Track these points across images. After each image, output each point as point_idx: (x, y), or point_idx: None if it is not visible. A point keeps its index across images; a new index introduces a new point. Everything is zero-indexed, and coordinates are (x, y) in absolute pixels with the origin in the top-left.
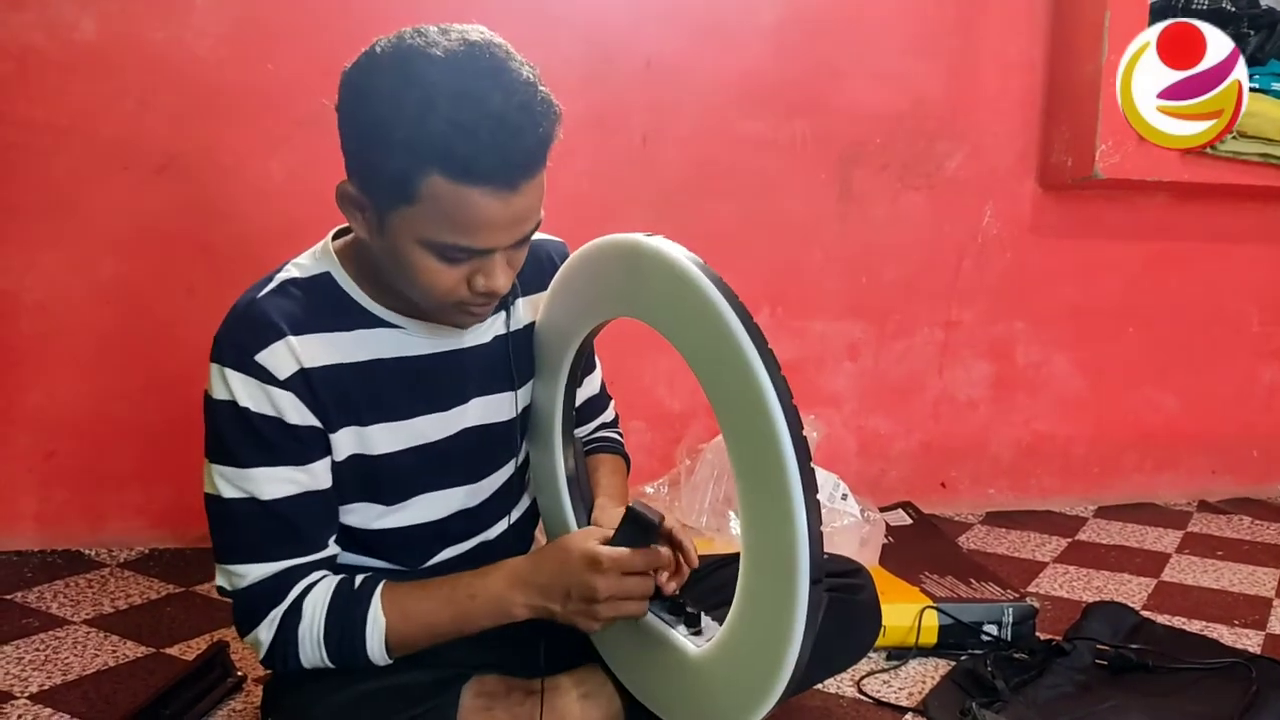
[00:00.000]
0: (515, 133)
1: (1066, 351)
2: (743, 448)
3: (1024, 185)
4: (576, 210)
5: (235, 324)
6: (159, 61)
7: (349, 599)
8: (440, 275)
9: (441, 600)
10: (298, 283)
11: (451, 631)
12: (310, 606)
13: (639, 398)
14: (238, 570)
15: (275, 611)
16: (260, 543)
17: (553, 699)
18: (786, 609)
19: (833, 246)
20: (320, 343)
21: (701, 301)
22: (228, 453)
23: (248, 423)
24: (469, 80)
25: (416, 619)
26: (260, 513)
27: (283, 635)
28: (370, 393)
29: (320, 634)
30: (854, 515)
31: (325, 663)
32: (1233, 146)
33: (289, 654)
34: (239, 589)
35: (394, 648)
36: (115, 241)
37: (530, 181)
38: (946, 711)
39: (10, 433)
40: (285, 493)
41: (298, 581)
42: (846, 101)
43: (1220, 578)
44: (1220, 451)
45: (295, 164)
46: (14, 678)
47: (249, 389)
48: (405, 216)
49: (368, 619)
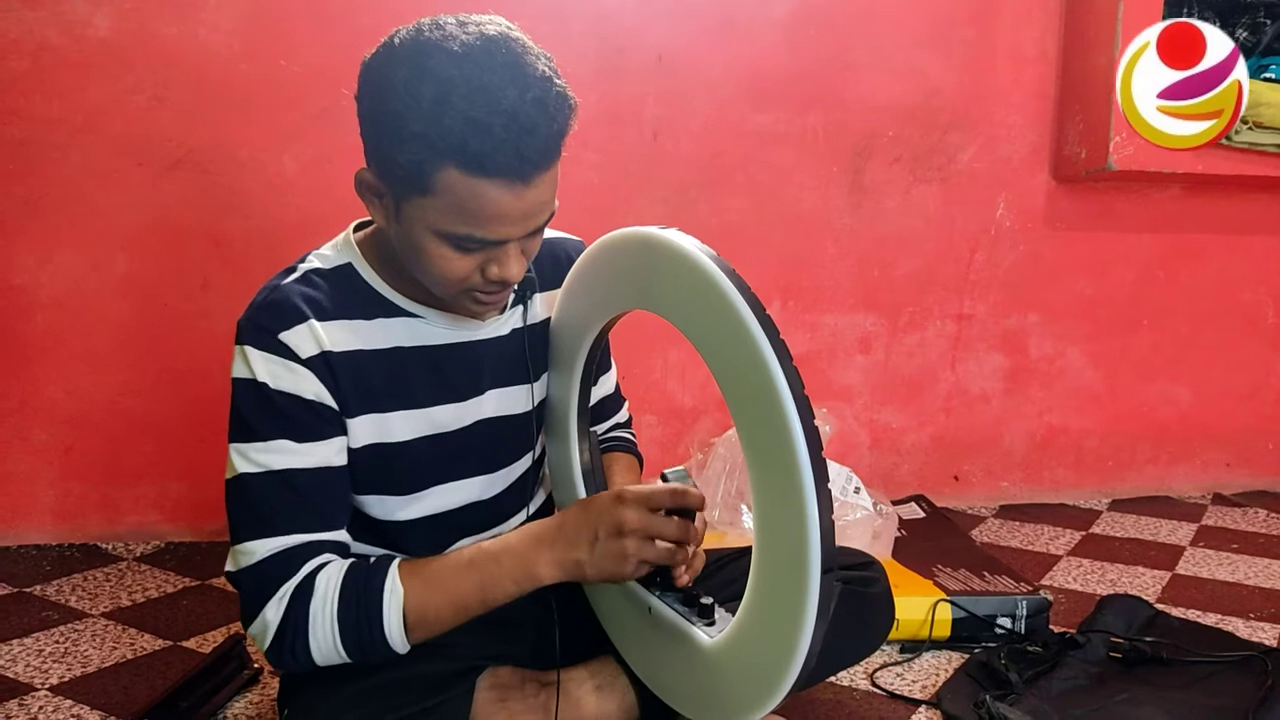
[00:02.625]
0: (530, 128)
1: (1080, 344)
2: (755, 438)
3: (1037, 177)
4: (588, 204)
5: (259, 308)
6: (172, 57)
7: (366, 571)
8: (454, 263)
9: (463, 566)
10: (321, 273)
11: (475, 600)
12: (324, 581)
13: (650, 392)
14: (248, 547)
15: (286, 587)
16: (273, 516)
17: (567, 690)
18: (798, 598)
19: (845, 239)
20: (342, 329)
21: (715, 293)
22: (247, 429)
23: (267, 399)
24: (484, 75)
25: (437, 586)
26: (275, 485)
27: (293, 614)
28: (390, 379)
29: (335, 610)
30: (866, 509)
31: (338, 648)
32: (1248, 137)
33: (297, 639)
34: (247, 566)
35: (414, 625)
36: (130, 237)
37: (544, 174)
38: (960, 704)
39: (28, 428)
40: (301, 465)
41: (311, 558)
42: (859, 94)
43: (1235, 571)
44: (1235, 444)
45: (309, 158)
46: (35, 670)
47: (270, 365)
48: (420, 206)
49: (384, 588)
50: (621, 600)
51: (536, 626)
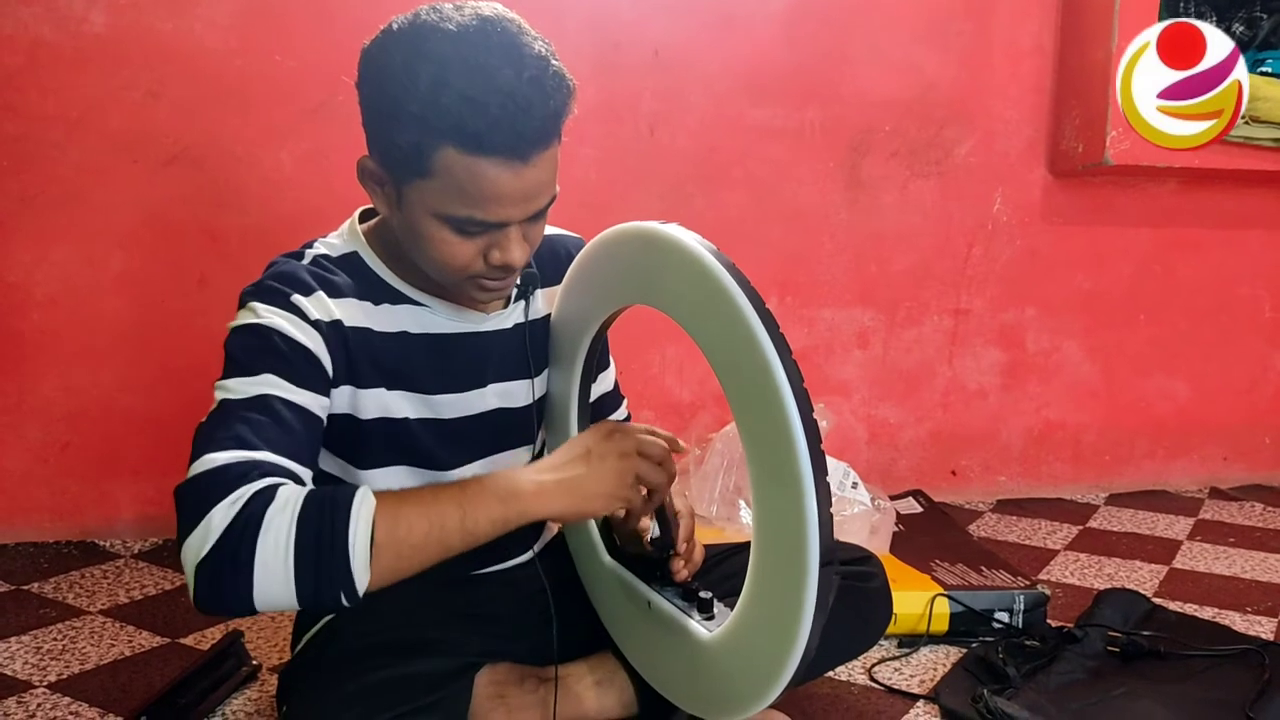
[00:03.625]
0: (526, 106)
1: (1077, 339)
2: (754, 432)
3: (1034, 172)
4: (585, 199)
5: (271, 277)
6: (168, 52)
7: (334, 490)
8: (456, 248)
9: (444, 485)
10: (329, 259)
11: (453, 518)
12: (288, 492)
13: (648, 387)
14: (210, 457)
15: (243, 489)
16: (246, 433)
17: (566, 686)
18: (797, 591)
19: (842, 234)
20: (353, 307)
21: (716, 288)
22: (237, 366)
23: (266, 338)
24: (481, 54)
25: (413, 499)
26: (256, 405)
27: (245, 516)
28: (396, 360)
29: (295, 514)
30: (864, 504)
31: (288, 561)
32: (1245, 132)
33: (242, 547)
34: (202, 471)
35: (382, 541)
36: (126, 233)
37: (542, 154)
38: (958, 699)
39: (24, 425)
40: (289, 397)
41: (275, 475)
42: (856, 89)
43: (1232, 565)
44: (1232, 438)
45: (305, 154)
46: (33, 667)
47: (276, 317)
48: (420, 190)
49: (355, 495)
50: (621, 595)
51: (535, 623)
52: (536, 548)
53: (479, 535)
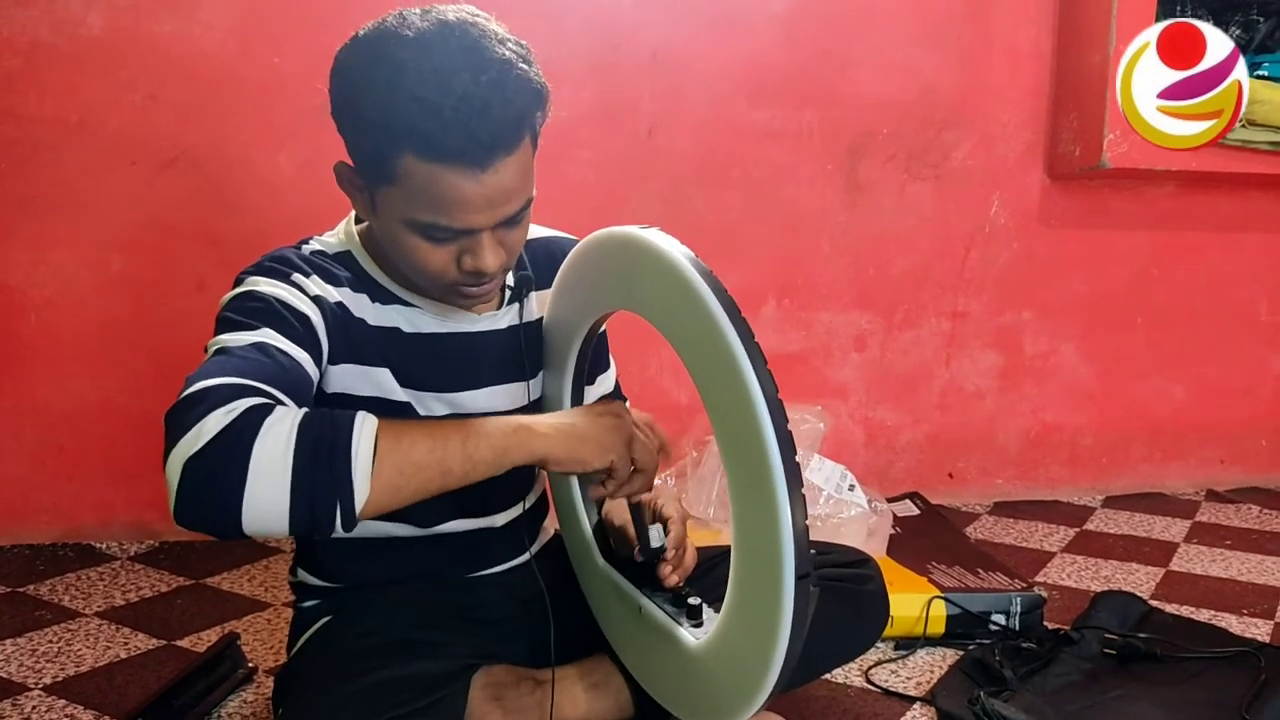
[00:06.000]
0: (481, 110)
1: (1074, 342)
2: (730, 442)
3: (1032, 175)
4: (582, 202)
5: (270, 259)
6: (166, 55)
7: (333, 410)
8: (429, 255)
9: (441, 418)
10: (325, 255)
11: (456, 440)
12: (284, 409)
13: (645, 389)
14: (194, 386)
15: (239, 401)
16: (238, 364)
17: (562, 689)
18: (774, 603)
19: (840, 237)
20: (350, 297)
21: (689, 294)
22: (230, 325)
23: (262, 299)
24: (436, 58)
25: (413, 424)
26: (252, 349)
27: (240, 423)
28: (391, 353)
29: (295, 424)
30: (861, 506)
31: (286, 476)
32: (1242, 135)
33: (235, 453)
34: (194, 390)
35: (385, 450)
36: (124, 236)
37: (504, 159)
38: (954, 701)
39: (21, 427)
40: (284, 347)
41: (271, 399)
42: (854, 91)
43: (1229, 567)
44: (1228, 441)
45: (304, 156)
46: (28, 669)
47: (276, 288)
48: (389, 196)
49: (356, 413)
50: (614, 599)
51: (532, 626)
52: (533, 550)
53: (478, 462)
